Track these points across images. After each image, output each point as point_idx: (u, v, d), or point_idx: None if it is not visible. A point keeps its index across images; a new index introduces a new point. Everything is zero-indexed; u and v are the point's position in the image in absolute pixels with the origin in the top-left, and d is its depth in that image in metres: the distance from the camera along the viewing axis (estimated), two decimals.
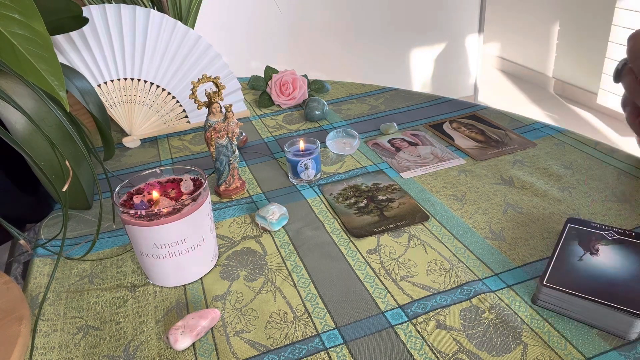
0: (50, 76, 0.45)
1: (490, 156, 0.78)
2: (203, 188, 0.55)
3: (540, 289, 0.48)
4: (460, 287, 0.53)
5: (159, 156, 0.88)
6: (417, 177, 0.74)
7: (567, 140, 0.81)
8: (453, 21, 2.67)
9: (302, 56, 2.47)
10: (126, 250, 0.64)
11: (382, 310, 0.51)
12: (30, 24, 0.44)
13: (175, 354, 0.48)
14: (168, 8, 1.11)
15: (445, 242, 0.60)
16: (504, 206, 0.66)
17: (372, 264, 0.57)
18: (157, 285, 0.57)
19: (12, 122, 0.61)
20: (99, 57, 0.88)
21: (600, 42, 2.64)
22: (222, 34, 2.26)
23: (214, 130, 0.68)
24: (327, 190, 0.73)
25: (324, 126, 0.95)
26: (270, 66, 1.30)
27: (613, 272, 0.49)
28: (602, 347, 0.45)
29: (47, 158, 0.63)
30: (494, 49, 3.53)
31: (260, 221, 0.64)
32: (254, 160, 0.84)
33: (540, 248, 0.58)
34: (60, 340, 0.50)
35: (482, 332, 0.47)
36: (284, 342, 0.48)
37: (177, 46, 0.92)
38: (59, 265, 0.61)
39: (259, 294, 0.54)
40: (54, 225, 0.70)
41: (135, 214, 0.52)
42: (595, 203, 0.65)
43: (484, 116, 0.92)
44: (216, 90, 0.68)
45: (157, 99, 0.93)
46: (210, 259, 0.58)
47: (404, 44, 2.63)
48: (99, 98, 0.78)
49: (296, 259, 0.59)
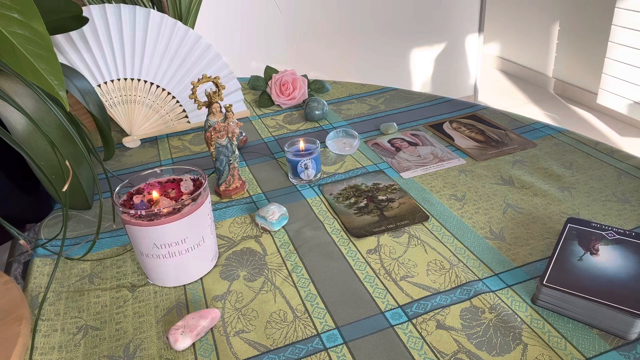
0: (50, 76, 0.45)
1: (490, 156, 0.78)
2: (203, 188, 0.55)
3: (540, 289, 0.48)
4: (460, 287, 0.53)
5: (159, 156, 0.88)
6: (417, 177, 0.74)
7: (567, 140, 0.81)
8: (453, 21, 2.67)
9: (302, 56, 2.47)
10: (126, 250, 0.64)
11: (382, 310, 0.51)
12: (30, 24, 0.44)
13: (175, 354, 0.48)
14: (168, 8, 1.11)
15: (445, 242, 0.60)
16: (504, 206, 0.66)
17: (372, 264, 0.57)
18: (157, 285, 0.57)
19: (12, 122, 0.61)
20: (99, 57, 0.88)
21: (600, 42, 2.64)
22: (222, 34, 2.26)
23: (214, 130, 0.68)
24: (327, 190, 0.73)
25: (324, 126, 0.95)
26: (270, 66, 1.30)
27: (613, 272, 0.49)
28: (602, 347, 0.45)
29: (47, 158, 0.63)
30: (494, 49, 3.53)
31: (260, 221, 0.64)
32: (254, 160, 0.84)
33: (540, 248, 0.58)
34: (60, 340, 0.50)
35: (482, 332, 0.47)
36: (284, 342, 0.48)
37: (177, 46, 0.92)
38: (59, 265, 0.61)
39: (259, 294, 0.54)
40: (54, 225, 0.70)
41: (135, 214, 0.52)
42: (595, 203, 0.65)
43: (484, 116, 0.92)
44: (216, 90, 0.68)
45: (157, 99, 0.92)
46: (210, 259, 0.58)
47: (404, 44, 2.63)
48: (99, 98, 0.78)
49: (296, 259, 0.59)
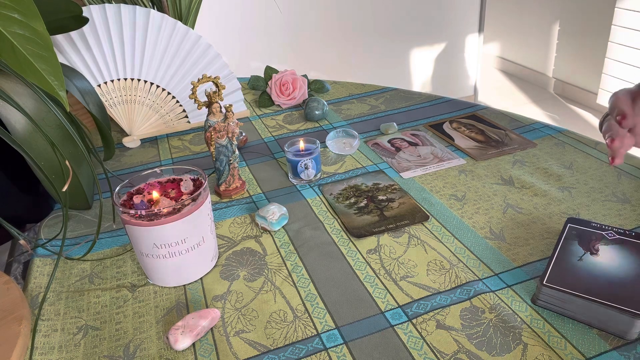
0: (50, 76, 0.45)
1: (490, 156, 0.78)
2: (203, 188, 0.55)
3: (540, 289, 0.48)
4: (460, 287, 0.53)
5: (159, 156, 0.88)
6: (417, 177, 0.74)
7: (567, 140, 0.81)
8: (453, 21, 2.67)
9: (302, 56, 2.47)
10: (126, 250, 0.63)
11: (382, 310, 0.51)
12: (30, 24, 0.44)
13: (175, 354, 0.48)
14: (168, 8, 1.11)
15: (445, 242, 0.60)
16: (504, 206, 0.66)
17: (372, 264, 0.57)
18: (157, 285, 0.57)
19: (12, 122, 0.61)
20: (99, 57, 0.88)
21: (600, 42, 2.64)
22: (222, 34, 2.26)
23: (214, 130, 0.68)
24: (327, 190, 0.73)
25: (324, 126, 0.95)
26: (270, 66, 1.30)
27: (613, 272, 0.49)
28: (602, 347, 0.45)
29: (47, 158, 0.63)
30: (494, 49, 3.52)
31: (260, 221, 0.64)
32: (254, 160, 0.84)
33: (540, 248, 0.58)
34: (60, 340, 0.50)
35: (482, 332, 0.47)
36: (284, 342, 0.48)
37: (177, 46, 0.92)
38: (59, 265, 0.61)
39: (259, 294, 0.54)
40: (54, 225, 0.70)
41: (135, 214, 0.52)
42: (595, 203, 0.65)
43: (484, 116, 0.92)
44: (216, 90, 0.68)
45: (157, 99, 0.92)
46: (210, 259, 0.58)
47: (404, 44, 2.63)
48: (99, 98, 0.78)
49: (296, 259, 0.59)
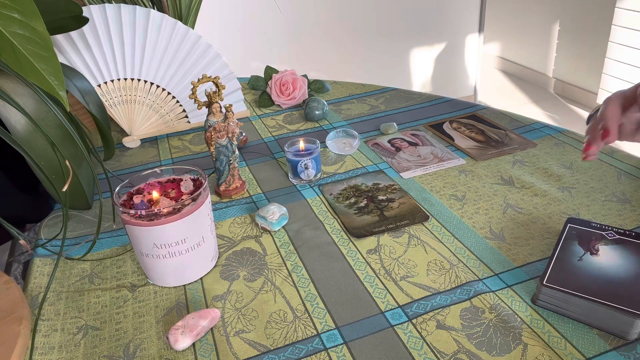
0: (50, 76, 0.45)
1: (490, 156, 0.78)
2: (203, 188, 0.55)
3: (540, 289, 0.48)
4: (460, 287, 0.53)
5: (159, 156, 0.88)
6: (417, 177, 0.74)
7: (567, 140, 0.81)
8: (453, 21, 2.67)
9: (302, 56, 2.47)
10: (126, 250, 0.63)
11: (382, 310, 0.51)
12: (30, 24, 0.44)
13: (175, 354, 0.48)
14: (168, 8, 1.11)
15: (445, 242, 0.60)
16: (504, 206, 0.66)
17: (372, 264, 0.57)
18: (157, 285, 0.57)
19: (12, 122, 0.61)
20: (99, 57, 0.88)
21: (600, 42, 2.64)
22: (222, 34, 2.26)
23: (214, 130, 0.68)
24: (327, 190, 0.73)
25: (324, 126, 0.95)
26: (270, 66, 1.30)
27: (613, 272, 0.49)
28: (602, 347, 0.45)
29: (47, 158, 0.63)
30: (494, 49, 3.52)
31: (260, 221, 0.64)
32: (254, 160, 0.84)
33: (540, 248, 0.58)
34: (60, 340, 0.50)
35: (482, 332, 0.47)
36: (284, 342, 0.48)
37: (177, 46, 0.92)
38: (59, 265, 0.61)
39: (259, 294, 0.54)
40: (54, 225, 0.70)
41: (135, 214, 0.52)
42: (595, 203, 0.65)
43: (484, 116, 0.92)
44: (216, 90, 0.68)
45: (157, 99, 0.92)
46: (210, 259, 0.58)
47: (404, 44, 2.63)
48: (99, 98, 0.78)
49: (296, 259, 0.59)
